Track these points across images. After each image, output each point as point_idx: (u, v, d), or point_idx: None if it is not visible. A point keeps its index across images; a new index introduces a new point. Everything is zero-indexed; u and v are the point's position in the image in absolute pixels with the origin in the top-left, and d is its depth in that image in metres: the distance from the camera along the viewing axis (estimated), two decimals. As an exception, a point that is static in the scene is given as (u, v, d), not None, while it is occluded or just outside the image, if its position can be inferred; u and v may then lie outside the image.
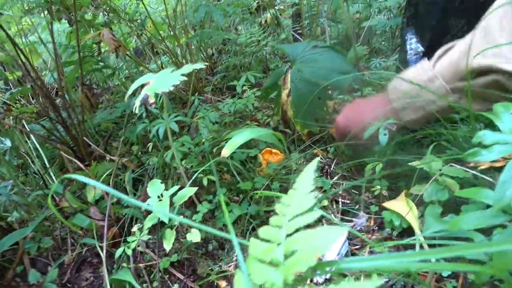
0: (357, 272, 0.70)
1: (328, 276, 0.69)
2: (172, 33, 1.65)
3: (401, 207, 0.79)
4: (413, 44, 1.05)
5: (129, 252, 0.75)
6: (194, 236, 0.68)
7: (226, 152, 0.68)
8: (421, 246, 0.72)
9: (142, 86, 0.63)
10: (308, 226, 0.30)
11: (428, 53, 1.04)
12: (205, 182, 0.84)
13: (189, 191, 0.68)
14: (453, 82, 0.69)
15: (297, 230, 0.27)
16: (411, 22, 1.07)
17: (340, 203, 0.86)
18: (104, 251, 0.74)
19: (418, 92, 0.73)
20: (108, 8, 1.47)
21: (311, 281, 0.68)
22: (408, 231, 0.78)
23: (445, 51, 0.73)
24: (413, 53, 1.07)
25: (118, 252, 0.76)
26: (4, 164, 1.08)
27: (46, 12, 1.64)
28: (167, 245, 0.67)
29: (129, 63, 2.04)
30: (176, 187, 0.67)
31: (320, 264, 0.23)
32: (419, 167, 0.76)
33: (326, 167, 0.97)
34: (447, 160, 0.76)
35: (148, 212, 0.94)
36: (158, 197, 0.66)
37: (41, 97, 1.33)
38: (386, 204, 0.80)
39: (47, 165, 1.37)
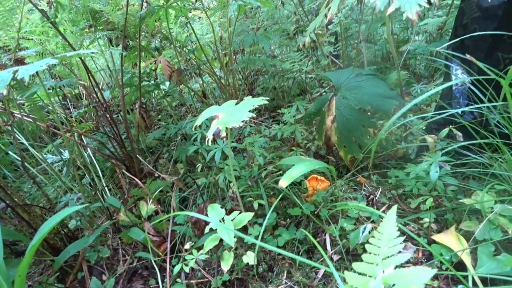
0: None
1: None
2: (215, 57, 1.75)
3: (451, 241, 0.79)
4: (459, 75, 1.06)
5: (187, 269, 0.80)
6: (249, 259, 0.73)
7: (284, 183, 0.73)
8: (473, 282, 0.72)
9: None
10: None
11: (475, 86, 1.05)
12: (255, 206, 0.89)
13: (246, 217, 0.73)
14: None
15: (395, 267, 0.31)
16: (457, 53, 1.08)
17: (387, 233, 0.87)
18: (168, 265, 0.81)
19: None
20: (162, 36, 1.61)
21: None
22: (456, 266, 0.78)
23: None
24: (459, 84, 1.08)
25: (176, 268, 0.82)
26: (68, 176, 1.20)
27: (105, 39, 1.81)
28: (225, 266, 0.72)
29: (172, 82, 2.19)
30: (236, 213, 0.73)
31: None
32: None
33: (371, 196, 0.99)
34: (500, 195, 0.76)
35: (200, 231, 1.00)
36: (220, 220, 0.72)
37: (101, 116, 1.47)
38: (436, 238, 0.81)
39: (101, 177, 1.49)
